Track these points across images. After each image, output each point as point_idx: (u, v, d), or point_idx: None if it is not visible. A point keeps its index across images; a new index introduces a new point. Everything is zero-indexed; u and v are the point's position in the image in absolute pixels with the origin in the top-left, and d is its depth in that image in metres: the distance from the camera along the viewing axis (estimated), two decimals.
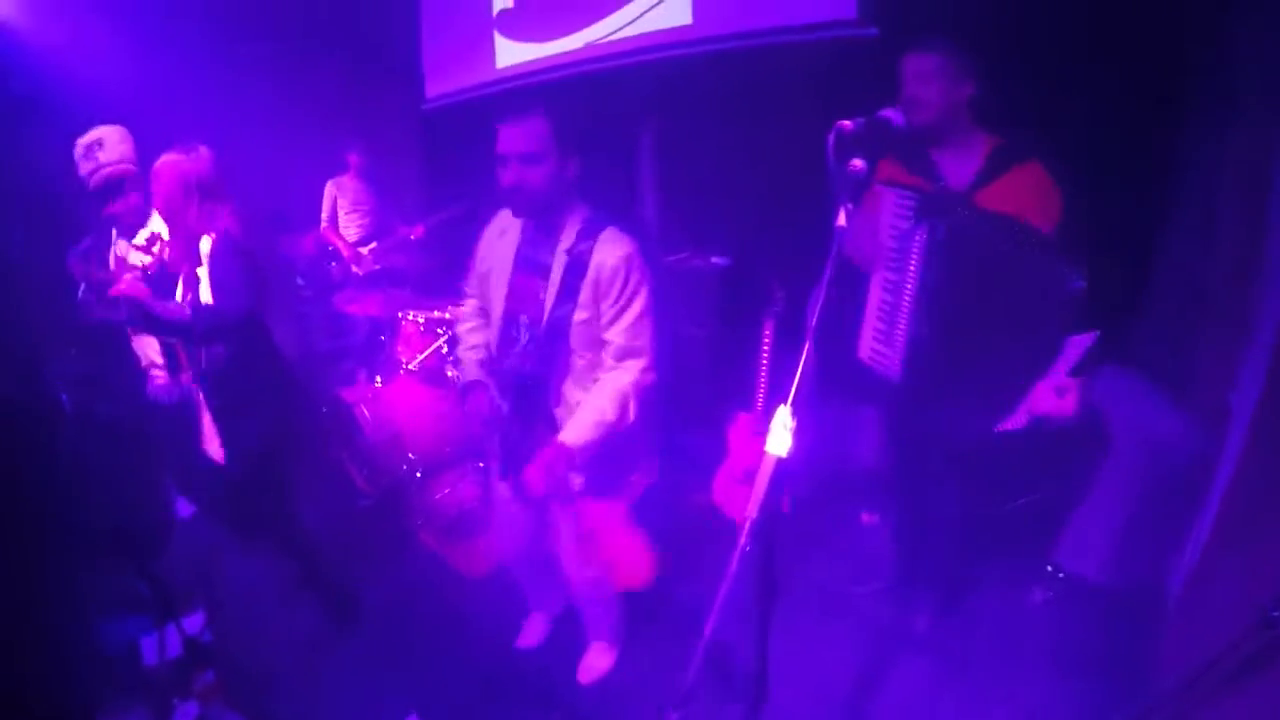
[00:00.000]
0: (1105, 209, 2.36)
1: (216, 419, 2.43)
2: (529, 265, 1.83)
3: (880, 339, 2.05)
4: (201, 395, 2.43)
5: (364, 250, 4.17)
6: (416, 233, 3.99)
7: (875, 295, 2.06)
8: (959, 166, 1.91)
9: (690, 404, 3.39)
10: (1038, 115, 2.30)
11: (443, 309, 3.36)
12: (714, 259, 3.48)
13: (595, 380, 1.84)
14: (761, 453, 2.90)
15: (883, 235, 1.98)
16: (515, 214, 1.82)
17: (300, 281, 4.30)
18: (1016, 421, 1.84)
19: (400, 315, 3.36)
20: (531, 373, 1.85)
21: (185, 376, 2.64)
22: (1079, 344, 1.75)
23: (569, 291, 1.76)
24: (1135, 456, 2.33)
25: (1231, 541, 1.93)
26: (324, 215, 4.24)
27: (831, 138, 1.23)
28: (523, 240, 1.84)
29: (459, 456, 3.09)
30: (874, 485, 2.84)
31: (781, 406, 1.14)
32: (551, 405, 1.87)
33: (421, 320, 3.30)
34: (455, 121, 4.39)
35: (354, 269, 4.13)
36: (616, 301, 1.76)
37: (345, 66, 4.70)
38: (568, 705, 2.26)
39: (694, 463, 3.23)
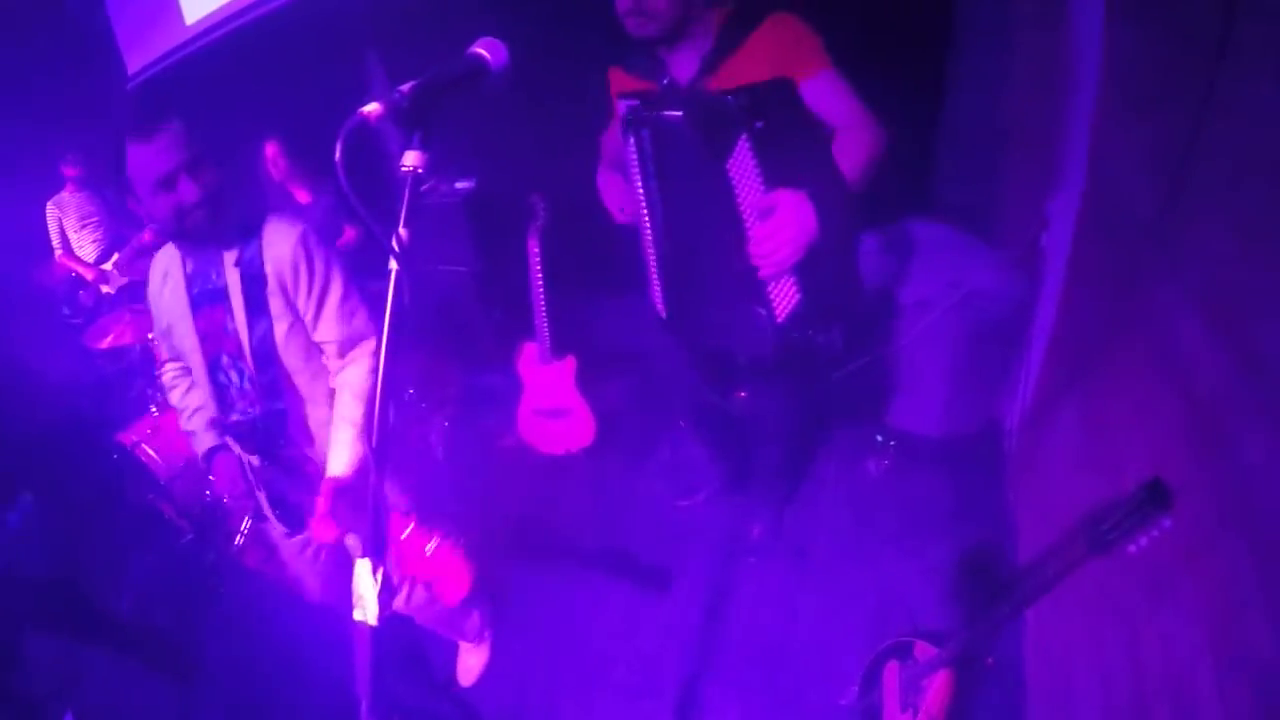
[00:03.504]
0: (897, 47, 2.10)
1: None
2: (204, 298, 1.55)
3: (653, 282, 1.68)
4: None
5: (107, 266, 3.70)
6: (146, 237, 3.42)
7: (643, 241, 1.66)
8: (689, 58, 1.54)
9: (474, 346, 2.98)
10: None
11: None
12: (458, 184, 2.90)
13: (331, 390, 1.59)
14: (553, 380, 2.54)
15: (626, 163, 1.57)
16: (189, 242, 1.53)
17: (66, 311, 3.73)
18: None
19: (150, 338, 2.88)
20: (263, 413, 1.58)
21: None
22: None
23: (257, 307, 1.50)
24: (952, 309, 2.12)
25: (1061, 380, 1.83)
26: (54, 241, 3.74)
27: (341, 143, 0.71)
28: (186, 276, 1.57)
29: None
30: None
31: (359, 561, 0.76)
32: (301, 441, 1.61)
33: None
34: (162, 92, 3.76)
35: (104, 289, 3.67)
36: (311, 291, 1.52)
37: (53, 71, 3.94)
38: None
39: (495, 404, 2.89)
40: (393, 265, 0.70)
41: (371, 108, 0.73)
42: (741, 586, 2.09)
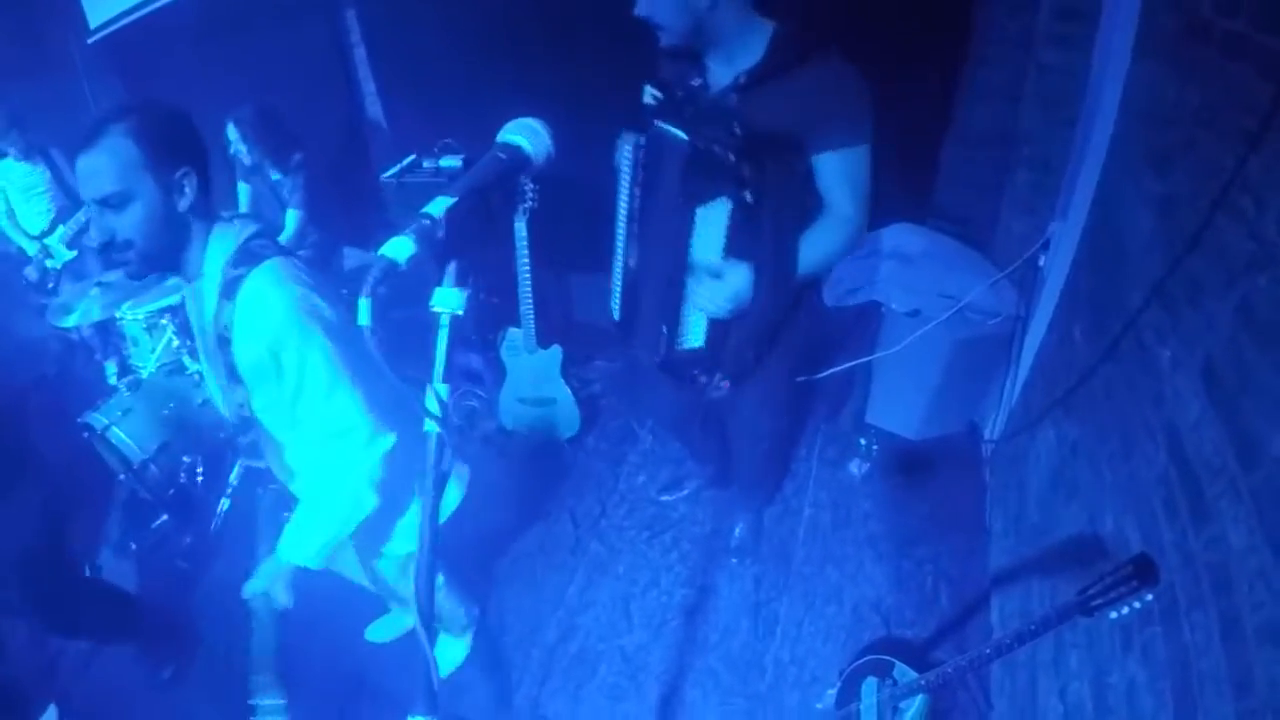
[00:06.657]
0: (912, 51, 2.04)
1: None
2: (201, 335, 1.34)
3: (615, 284, 1.65)
4: None
5: (51, 240, 3.43)
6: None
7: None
8: (726, 67, 1.45)
9: (458, 330, 2.88)
10: None
11: (162, 294, 2.68)
12: (443, 161, 2.66)
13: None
14: (538, 369, 2.49)
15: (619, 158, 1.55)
16: (128, 277, 1.29)
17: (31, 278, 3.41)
18: None
19: (117, 319, 2.70)
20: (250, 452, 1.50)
21: None
22: None
23: (231, 376, 1.28)
24: (943, 321, 2.13)
25: (1046, 397, 1.86)
26: None
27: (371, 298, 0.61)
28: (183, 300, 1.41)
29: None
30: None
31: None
32: (283, 478, 1.51)
33: (141, 317, 2.67)
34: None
35: (48, 264, 3.41)
36: (283, 389, 1.26)
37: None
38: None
39: (480, 388, 2.84)
40: (431, 427, 0.63)
41: (403, 247, 0.61)
42: (723, 588, 2.14)
